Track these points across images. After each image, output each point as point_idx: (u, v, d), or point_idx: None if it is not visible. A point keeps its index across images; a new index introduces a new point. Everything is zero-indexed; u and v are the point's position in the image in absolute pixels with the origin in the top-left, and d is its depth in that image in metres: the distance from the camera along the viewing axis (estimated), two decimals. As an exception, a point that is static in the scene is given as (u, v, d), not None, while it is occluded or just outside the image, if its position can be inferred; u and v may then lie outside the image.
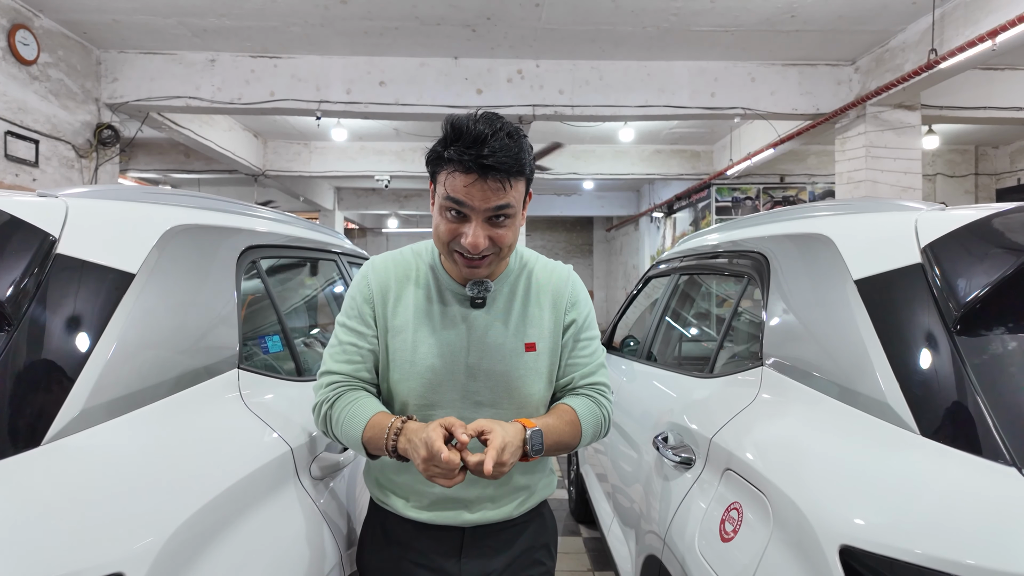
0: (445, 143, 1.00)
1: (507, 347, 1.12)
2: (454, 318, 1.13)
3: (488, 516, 1.16)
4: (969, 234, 0.94)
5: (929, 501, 0.77)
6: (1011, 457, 0.75)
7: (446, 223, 1.02)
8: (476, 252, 1.01)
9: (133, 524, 0.77)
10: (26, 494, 0.72)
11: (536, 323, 1.15)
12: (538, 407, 1.16)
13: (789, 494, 0.95)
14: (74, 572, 0.68)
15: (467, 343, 1.11)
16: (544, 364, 1.15)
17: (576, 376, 1.19)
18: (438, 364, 1.10)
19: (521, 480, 1.19)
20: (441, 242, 1.06)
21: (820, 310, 1.18)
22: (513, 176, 0.99)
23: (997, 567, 0.67)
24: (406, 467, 1.13)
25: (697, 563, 1.17)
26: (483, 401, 1.12)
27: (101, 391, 0.86)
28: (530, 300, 1.17)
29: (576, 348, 1.19)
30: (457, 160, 0.97)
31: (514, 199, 1.01)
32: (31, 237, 0.88)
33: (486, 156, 0.95)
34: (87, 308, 0.90)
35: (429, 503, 1.15)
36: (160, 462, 0.88)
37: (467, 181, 0.97)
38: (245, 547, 0.94)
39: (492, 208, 0.99)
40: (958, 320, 0.88)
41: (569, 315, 1.18)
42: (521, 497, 1.19)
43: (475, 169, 0.96)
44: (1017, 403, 0.79)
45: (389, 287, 1.15)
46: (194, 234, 1.22)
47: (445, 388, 1.11)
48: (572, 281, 1.21)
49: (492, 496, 1.16)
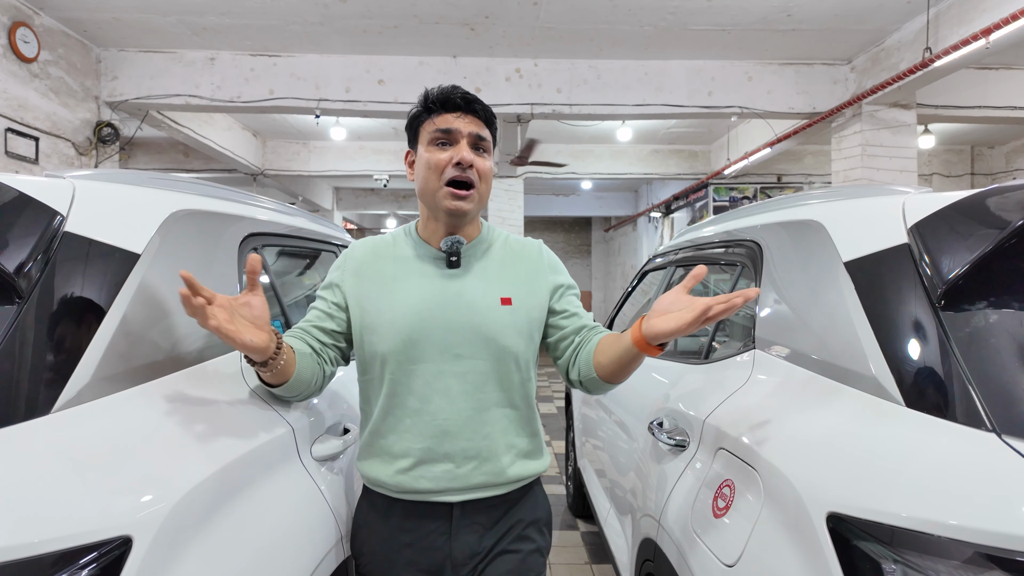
0: (425, 102, 1.19)
1: (482, 302, 1.18)
2: (431, 277, 1.20)
3: (476, 478, 1.15)
4: (953, 213, 0.97)
5: (913, 467, 0.80)
6: (991, 424, 0.78)
7: (436, 153, 1.17)
8: (466, 164, 1.15)
9: (140, 491, 0.79)
10: (37, 459, 0.74)
11: (511, 281, 1.22)
12: (516, 360, 1.19)
13: (779, 467, 0.98)
14: (83, 533, 0.70)
15: (443, 299, 1.17)
16: (521, 319, 1.20)
17: (583, 323, 1.26)
18: (415, 321, 1.15)
19: (506, 438, 1.18)
20: (433, 175, 1.17)
21: (811, 293, 1.21)
22: (485, 120, 1.20)
23: (976, 526, 0.69)
24: (384, 431, 1.17)
25: (690, 539, 1.19)
26: (462, 354, 1.15)
27: (108, 364, 0.88)
28: (505, 263, 1.25)
29: (567, 301, 1.28)
30: (443, 102, 1.17)
31: (488, 138, 1.20)
32: (41, 215, 0.90)
33: (467, 95, 1.18)
34: (93, 284, 0.93)
35: (415, 462, 1.14)
36: (165, 434, 0.90)
37: (453, 115, 1.17)
38: (247, 519, 0.96)
39: (475, 135, 1.17)
40: (942, 296, 0.90)
41: (552, 278, 1.27)
42: (509, 457, 1.18)
43: (461, 105, 1.17)
44: (996, 372, 0.82)
45: (365, 260, 1.24)
46: (197, 219, 1.24)
47: (424, 343, 1.14)
48: (545, 249, 1.32)
49: (477, 452, 1.15)
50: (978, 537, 0.69)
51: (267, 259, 1.58)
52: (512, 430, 1.20)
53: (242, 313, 1.00)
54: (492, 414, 1.17)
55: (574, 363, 1.25)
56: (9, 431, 0.74)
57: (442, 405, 1.14)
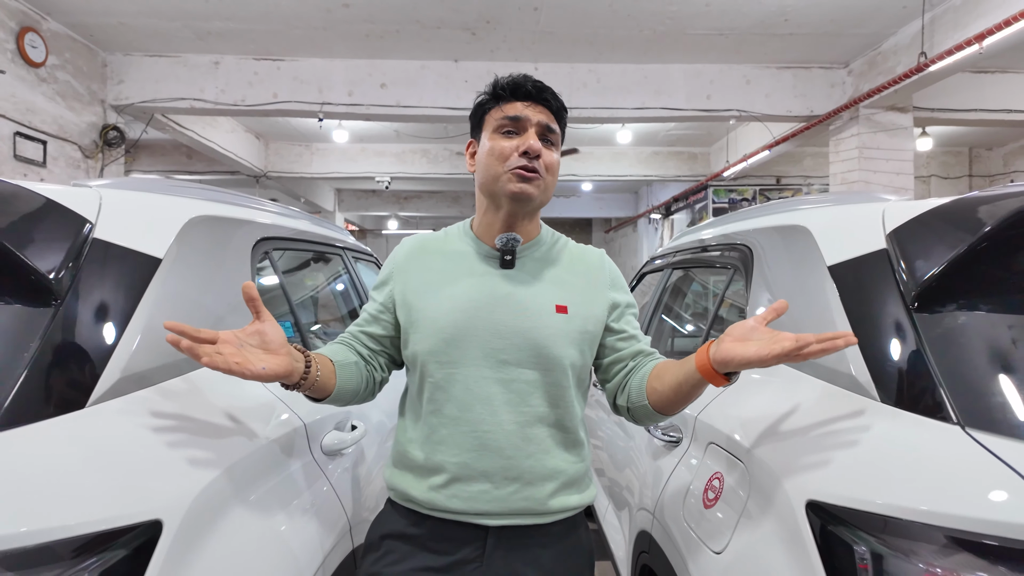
0: (494, 89, 1.14)
1: (535, 306, 1.09)
2: (482, 276, 1.12)
3: (516, 503, 1.05)
4: (928, 220, 1.03)
5: (885, 458, 0.86)
6: (957, 418, 0.84)
7: (502, 141, 1.10)
8: (534, 153, 1.08)
9: (168, 480, 0.85)
10: (73, 449, 0.81)
11: (569, 288, 1.14)
12: (567, 374, 1.09)
13: (764, 460, 1.04)
14: (118, 517, 0.76)
15: (492, 299, 1.09)
16: (576, 330, 1.11)
17: (640, 348, 1.18)
18: (459, 319, 1.07)
19: (551, 462, 1.08)
20: (497, 163, 1.10)
21: (798, 295, 1.27)
22: (555, 112, 1.14)
23: (941, 510, 0.75)
24: (420, 440, 1.09)
25: (681, 529, 1.25)
26: (508, 360, 1.06)
27: (135, 363, 0.95)
28: (563, 268, 1.17)
29: (626, 322, 1.20)
30: (512, 89, 1.12)
31: (558, 131, 1.14)
32: (72, 222, 0.96)
33: (538, 83, 1.12)
34: (120, 288, 0.99)
35: (449, 478, 1.05)
36: (189, 428, 0.96)
37: (523, 103, 1.11)
38: (264, 506, 1.02)
39: (544, 125, 1.11)
40: (915, 298, 0.96)
41: (612, 294, 1.19)
42: (553, 485, 1.08)
43: (532, 94, 1.12)
44: (963, 371, 0.88)
45: (413, 255, 1.19)
46: (212, 224, 1.30)
47: (466, 344, 1.06)
48: (607, 260, 1.24)
49: (518, 473, 1.05)
50: (944, 521, 0.75)
51: (276, 261, 1.64)
52: (558, 453, 1.09)
53: (252, 343, 0.93)
54: (537, 431, 1.07)
55: (624, 388, 1.15)
56: (49, 424, 0.81)
57: (483, 415, 1.05)
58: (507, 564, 1.05)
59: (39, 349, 0.83)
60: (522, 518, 1.06)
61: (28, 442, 0.77)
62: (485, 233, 1.16)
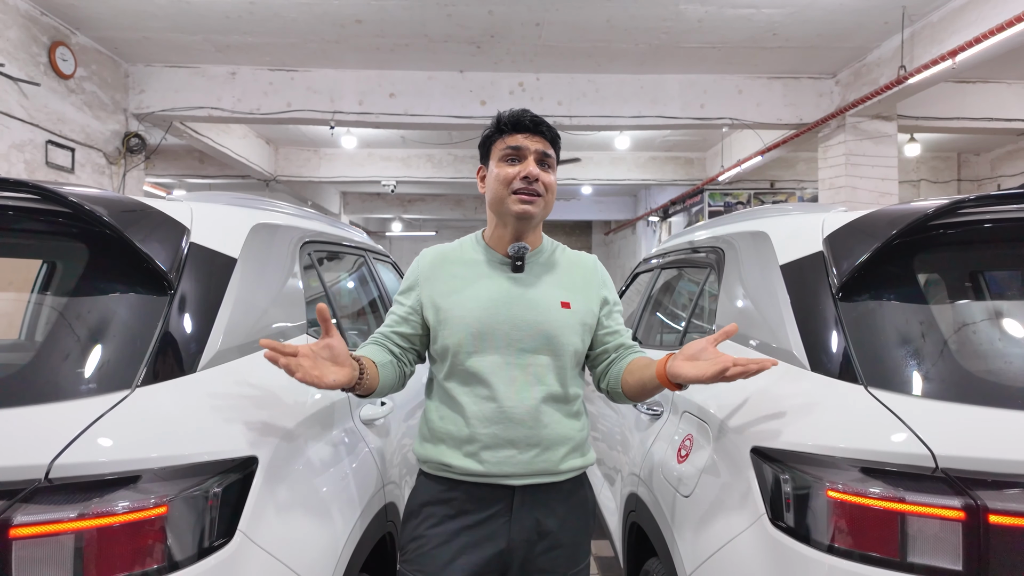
0: (498, 124, 1.36)
1: (544, 303, 1.32)
2: (498, 279, 1.34)
3: (536, 465, 1.26)
4: (852, 228, 1.29)
5: (809, 411, 1.12)
6: (861, 380, 1.10)
7: (506, 168, 1.32)
8: (533, 178, 1.31)
9: (260, 427, 1.12)
10: (193, 402, 1.07)
11: (569, 287, 1.37)
12: (571, 357, 1.33)
13: (721, 419, 1.30)
14: (225, 451, 1.03)
15: (509, 299, 1.31)
16: (577, 322, 1.34)
17: (623, 341, 1.41)
18: (484, 316, 1.29)
19: (562, 430, 1.30)
20: (502, 187, 1.32)
21: (756, 289, 1.53)
22: (551, 140, 1.36)
23: (847, 446, 1.02)
24: (453, 417, 1.29)
25: (659, 483, 1.52)
26: (527, 348, 1.29)
27: (227, 340, 1.21)
28: (563, 271, 1.40)
29: (613, 319, 1.43)
30: (513, 124, 1.34)
31: (553, 155, 1.37)
32: (178, 229, 1.23)
33: (535, 118, 1.35)
34: (212, 280, 1.25)
35: (481, 447, 1.25)
36: (269, 391, 1.23)
37: (523, 135, 1.33)
38: (323, 457, 1.29)
39: (541, 152, 1.33)
40: (839, 289, 1.23)
41: (603, 292, 1.43)
42: (564, 449, 1.30)
43: (529, 127, 1.34)
44: (868, 344, 1.14)
45: (436, 264, 1.39)
46: (270, 230, 1.57)
47: (492, 336, 1.28)
48: (599, 264, 1.49)
49: (538, 440, 1.27)
50: (846, 453, 1.02)
51: (316, 260, 1.90)
52: (567, 423, 1.31)
53: (323, 356, 1.12)
54: (550, 405, 1.29)
55: (605, 375, 1.40)
56: (175, 383, 1.07)
57: (508, 393, 1.26)
58: (531, 515, 1.28)
59: (163, 328, 1.10)
60: (541, 477, 1.28)
61: (166, 394, 1.04)
62: (496, 244, 1.39)
